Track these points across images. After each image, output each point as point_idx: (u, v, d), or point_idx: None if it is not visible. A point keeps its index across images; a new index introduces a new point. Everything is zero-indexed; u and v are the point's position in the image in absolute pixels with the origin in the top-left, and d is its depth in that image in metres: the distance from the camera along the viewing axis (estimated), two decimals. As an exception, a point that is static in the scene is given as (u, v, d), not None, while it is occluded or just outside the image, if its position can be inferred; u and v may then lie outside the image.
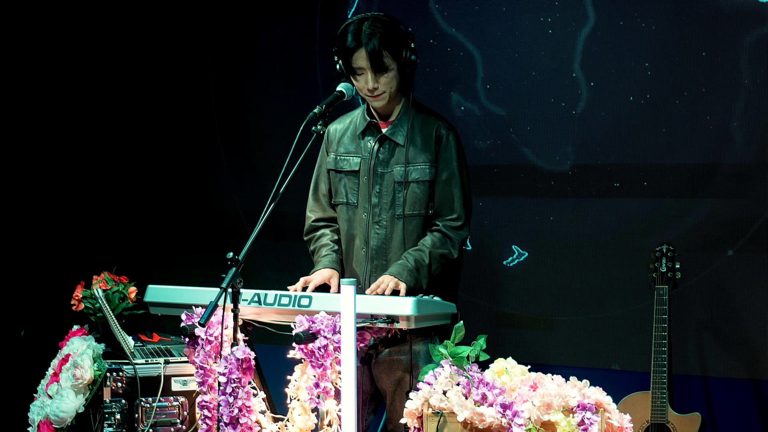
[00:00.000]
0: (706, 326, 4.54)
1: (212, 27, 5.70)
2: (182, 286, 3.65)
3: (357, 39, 3.58)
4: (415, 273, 3.57)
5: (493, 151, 4.96)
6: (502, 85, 4.90)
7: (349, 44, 3.59)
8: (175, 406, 3.93)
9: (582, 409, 2.94)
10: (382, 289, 3.49)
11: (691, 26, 4.51)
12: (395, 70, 3.62)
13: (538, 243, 4.87)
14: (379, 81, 3.61)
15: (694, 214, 4.55)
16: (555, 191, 4.83)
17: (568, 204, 4.81)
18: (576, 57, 4.74)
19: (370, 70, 3.60)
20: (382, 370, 3.67)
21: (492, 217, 4.96)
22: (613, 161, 4.72)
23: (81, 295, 4.23)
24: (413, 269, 3.57)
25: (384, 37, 3.57)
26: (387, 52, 3.58)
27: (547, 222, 4.85)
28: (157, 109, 5.86)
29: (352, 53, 3.60)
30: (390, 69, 3.61)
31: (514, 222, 4.92)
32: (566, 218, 4.81)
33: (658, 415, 4.20)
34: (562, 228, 4.82)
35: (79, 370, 3.90)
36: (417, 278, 3.57)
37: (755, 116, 4.42)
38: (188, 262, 5.75)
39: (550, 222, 4.85)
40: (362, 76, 3.62)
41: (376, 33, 3.57)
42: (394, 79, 3.63)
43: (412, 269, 3.57)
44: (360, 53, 3.59)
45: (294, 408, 3.37)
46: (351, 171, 3.76)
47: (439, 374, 3.05)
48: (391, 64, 3.61)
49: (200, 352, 3.49)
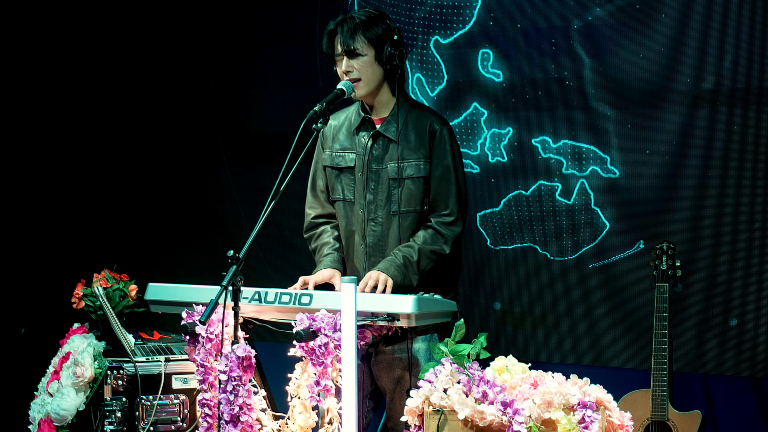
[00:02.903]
0: (707, 324, 4.54)
1: (212, 24, 5.70)
2: (183, 284, 3.65)
3: (337, 24, 3.70)
4: (402, 269, 3.58)
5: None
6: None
7: (331, 28, 3.71)
8: (175, 404, 3.93)
9: (582, 406, 2.94)
10: (370, 286, 3.50)
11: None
12: (370, 58, 3.67)
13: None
14: (353, 65, 3.66)
15: (694, 211, 4.55)
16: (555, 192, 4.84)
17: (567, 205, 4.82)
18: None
19: (344, 54, 3.67)
20: (382, 368, 3.68)
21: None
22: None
23: (81, 293, 4.24)
24: (401, 265, 3.58)
25: (361, 25, 3.66)
26: (362, 37, 3.65)
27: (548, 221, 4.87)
28: (157, 107, 5.87)
29: (333, 38, 3.70)
30: (363, 55, 3.66)
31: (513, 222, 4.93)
32: (568, 217, 4.82)
33: (658, 412, 4.20)
34: (563, 226, 4.82)
35: (80, 368, 3.91)
36: (405, 274, 3.58)
37: (757, 114, 4.43)
38: (189, 259, 5.76)
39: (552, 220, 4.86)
40: (340, 61, 3.70)
41: (357, 20, 3.67)
42: (369, 67, 3.67)
43: (399, 265, 3.58)
44: (338, 38, 3.69)
45: (295, 406, 3.37)
46: (346, 167, 3.78)
47: (439, 372, 3.05)
48: (366, 51, 3.66)
49: (201, 350, 3.49)
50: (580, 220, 4.78)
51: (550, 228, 4.85)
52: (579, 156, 4.77)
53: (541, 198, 4.85)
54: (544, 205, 4.85)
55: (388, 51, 3.68)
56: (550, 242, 4.84)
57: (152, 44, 5.81)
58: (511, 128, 4.90)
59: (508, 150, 4.91)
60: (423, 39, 5.06)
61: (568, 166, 4.78)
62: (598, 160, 4.72)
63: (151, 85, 5.84)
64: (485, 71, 4.93)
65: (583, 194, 4.76)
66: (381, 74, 3.70)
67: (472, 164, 4.97)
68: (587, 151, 4.75)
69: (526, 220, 4.89)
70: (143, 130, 5.89)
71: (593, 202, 4.74)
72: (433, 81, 5.05)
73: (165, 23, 5.79)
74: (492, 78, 4.92)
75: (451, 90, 5.03)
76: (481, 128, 4.95)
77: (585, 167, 4.75)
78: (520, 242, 4.91)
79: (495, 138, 4.93)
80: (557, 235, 4.83)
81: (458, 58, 5.00)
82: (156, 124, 5.88)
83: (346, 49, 3.66)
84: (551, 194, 4.83)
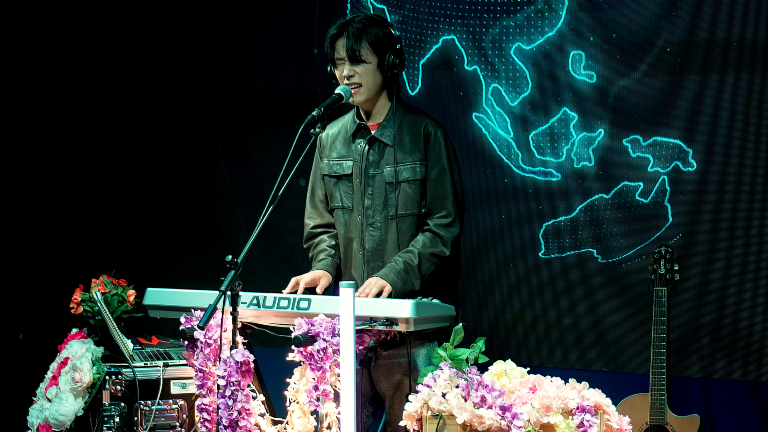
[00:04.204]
0: (705, 328, 4.54)
1: (210, 28, 5.70)
2: (181, 289, 3.65)
3: (341, 28, 3.68)
4: (403, 274, 3.58)
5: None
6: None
7: (333, 32, 3.69)
8: (174, 409, 3.93)
9: (581, 411, 2.94)
10: (366, 293, 3.50)
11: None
12: (373, 65, 3.66)
13: (537, 244, 4.88)
14: (356, 71, 3.65)
15: (693, 215, 4.55)
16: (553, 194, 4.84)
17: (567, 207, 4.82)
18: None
19: (347, 59, 3.65)
20: (382, 373, 3.68)
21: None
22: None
23: (80, 298, 4.24)
24: (401, 270, 3.58)
25: (365, 30, 3.65)
26: (366, 44, 3.64)
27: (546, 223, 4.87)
28: (155, 112, 5.87)
29: (335, 42, 3.68)
30: (367, 62, 3.66)
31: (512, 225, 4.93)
32: (565, 220, 4.81)
33: (657, 416, 4.20)
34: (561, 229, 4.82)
35: (78, 374, 3.90)
36: (406, 279, 3.58)
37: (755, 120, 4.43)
38: (187, 265, 5.76)
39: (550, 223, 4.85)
40: (341, 65, 3.68)
41: (360, 24, 3.66)
42: (371, 74, 3.67)
43: (400, 270, 3.58)
44: (340, 42, 3.67)
45: (293, 411, 3.37)
46: (344, 175, 3.78)
47: (438, 376, 3.05)
48: (369, 58, 3.66)
49: (199, 355, 3.49)
50: (647, 220, 4.65)
51: (608, 230, 4.74)
52: (664, 152, 4.60)
53: (620, 200, 4.69)
54: (621, 207, 4.70)
55: (391, 59, 3.68)
56: (605, 246, 4.73)
57: (150, 50, 5.81)
58: (603, 130, 4.72)
59: (596, 153, 4.73)
60: (500, 48, 4.88)
61: (654, 164, 4.62)
62: (681, 155, 4.57)
63: (150, 91, 5.84)
64: (577, 73, 4.75)
65: (661, 191, 4.61)
66: (381, 81, 3.70)
67: (553, 172, 4.81)
68: (673, 146, 4.58)
69: (591, 224, 4.78)
70: (142, 135, 5.89)
71: (666, 198, 4.61)
72: (515, 90, 4.87)
73: (164, 27, 5.79)
74: (585, 80, 4.74)
75: (537, 97, 4.84)
76: (570, 133, 4.77)
77: (668, 163, 4.60)
78: (577, 248, 4.80)
79: (584, 142, 4.75)
80: (617, 236, 4.71)
81: (545, 63, 4.81)
82: (154, 129, 5.87)
83: (350, 54, 3.65)
84: (632, 195, 4.67)
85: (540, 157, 4.83)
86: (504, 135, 4.89)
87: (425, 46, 5.06)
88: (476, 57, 4.94)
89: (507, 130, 4.89)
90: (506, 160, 4.89)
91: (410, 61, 5.05)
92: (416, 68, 5.08)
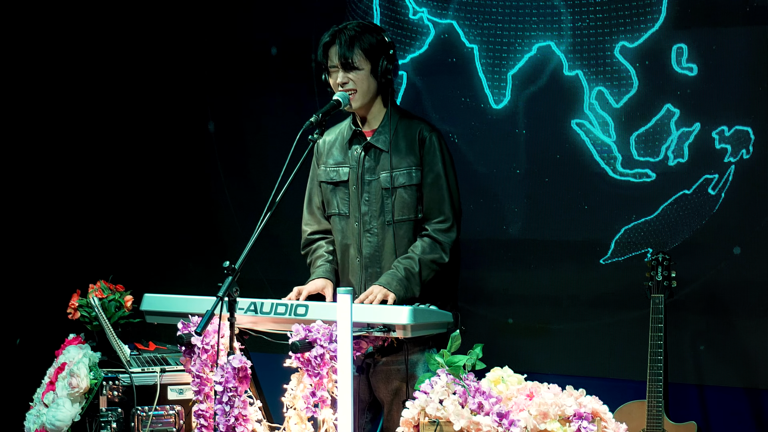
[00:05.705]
0: (702, 335, 4.54)
1: (209, 33, 5.70)
2: (179, 295, 3.65)
3: (333, 36, 3.69)
4: (405, 282, 3.58)
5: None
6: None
7: (326, 41, 3.70)
8: (171, 414, 3.92)
9: (578, 418, 2.94)
10: (370, 300, 3.50)
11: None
12: (366, 71, 3.68)
13: (535, 251, 4.89)
14: (349, 77, 3.66)
15: (690, 223, 4.55)
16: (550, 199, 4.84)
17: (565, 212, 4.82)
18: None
19: (340, 66, 3.66)
20: (380, 379, 3.68)
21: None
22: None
23: (77, 303, 4.23)
24: (403, 278, 3.58)
25: (358, 38, 3.66)
26: (359, 51, 3.65)
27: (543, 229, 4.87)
28: (153, 118, 5.87)
29: (328, 50, 3.70)
30: (360, 68, 3.67)
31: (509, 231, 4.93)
32: (563, 227, 4.82)
33: (654, 423, 4.20)
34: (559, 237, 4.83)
35: (75, 379, 3.90)
36: (407, 287, 3.58)
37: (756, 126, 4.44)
38: (184, 270, 5.75)
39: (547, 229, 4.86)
40: (335, 73, 3.69)
41: (353, 32, 3.67)
42: (365, 80, 3.68)
43: (401, 278, 3.58)
44: (333, 50, 3.68)
45: (290, 417, 3.37)
46: (341, 181, 3.79)
47: (435, 383, 3.05)
48: (362, 64, 3.67)
49: (196, 360, 3.49)
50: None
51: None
52: (740, 140, 4.50)
53: (698, 195, 4.57)
54: (697, 202, 4.60)
55: (384, 65, 3.69)
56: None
57: (149, 53, 5.81)
58: (699, 123, 4.57)
59: (691, 148, 4.58)
60: (603, 49, 4.72)
61: (730, 154, 4.52)
62: (748, 141, 4.48)
63: (148, 95, 5.84)
64: (679, 67, 4.58)
65: (728, 182, 4.53)
66: (375, 87, 3.71)
67: (649, 172, 4.67)
68: (745, 134, 4.49)
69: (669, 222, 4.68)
70: (140, 140, 5.89)
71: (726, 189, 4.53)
72: (620, 91, 4.70)
73: (162, 32, 5.79)
74: (686, 73, 4.57)
75: (643, 95, 4.67)
76: (670, 130, 4.62)
77: (737, 152, 4.51)
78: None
79: (682, 138, 4.60)
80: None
81: (650, 60, 4.64)
82: (152, 135, 5.87)
83: (343, 61, 3.66)
84: (706, 188, 4.57)
85: (638, 158, 4.68)
86: (605, 138, 4.74)
87: (514, 56, 4.89)
88: (578, 61, 4.77)
89: (609, 133, 4.73)
90: (603, 165, 4.74)
91: (495, 73, 4.90)
92: (503, 80, 4.92)
